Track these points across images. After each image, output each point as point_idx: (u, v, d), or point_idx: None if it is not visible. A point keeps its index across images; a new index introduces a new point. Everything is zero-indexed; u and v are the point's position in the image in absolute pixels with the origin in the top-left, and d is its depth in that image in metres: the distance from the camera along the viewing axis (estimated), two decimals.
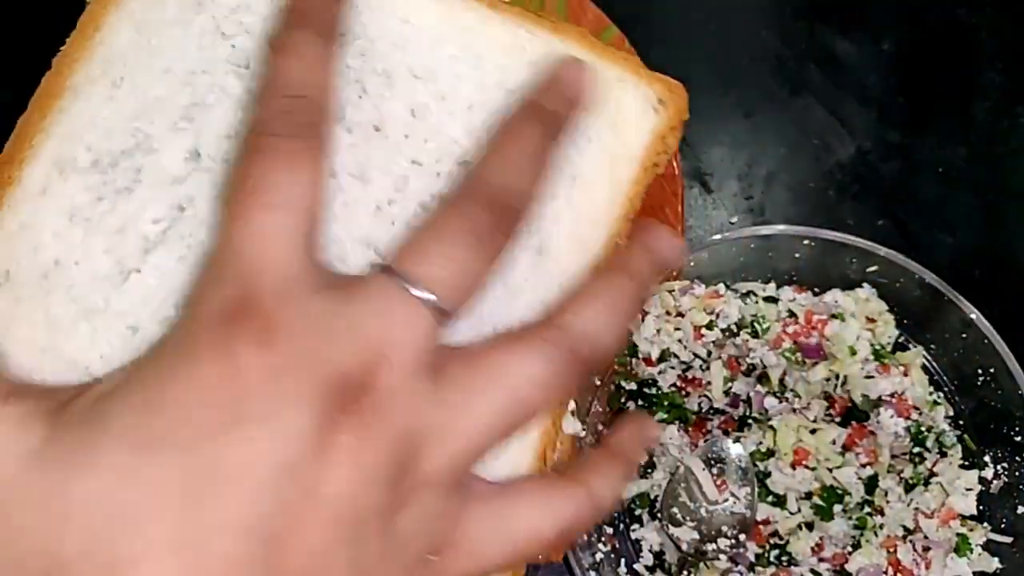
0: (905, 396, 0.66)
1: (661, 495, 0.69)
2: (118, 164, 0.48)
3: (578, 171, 0.49)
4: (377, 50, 0.49)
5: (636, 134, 0.50)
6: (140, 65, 0.49)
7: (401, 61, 0.49)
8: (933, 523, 0.67)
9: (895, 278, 0.69)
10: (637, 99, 0.51)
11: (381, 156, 0.48)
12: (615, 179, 0.50)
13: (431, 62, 0.50)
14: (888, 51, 0.84)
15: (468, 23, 0.50)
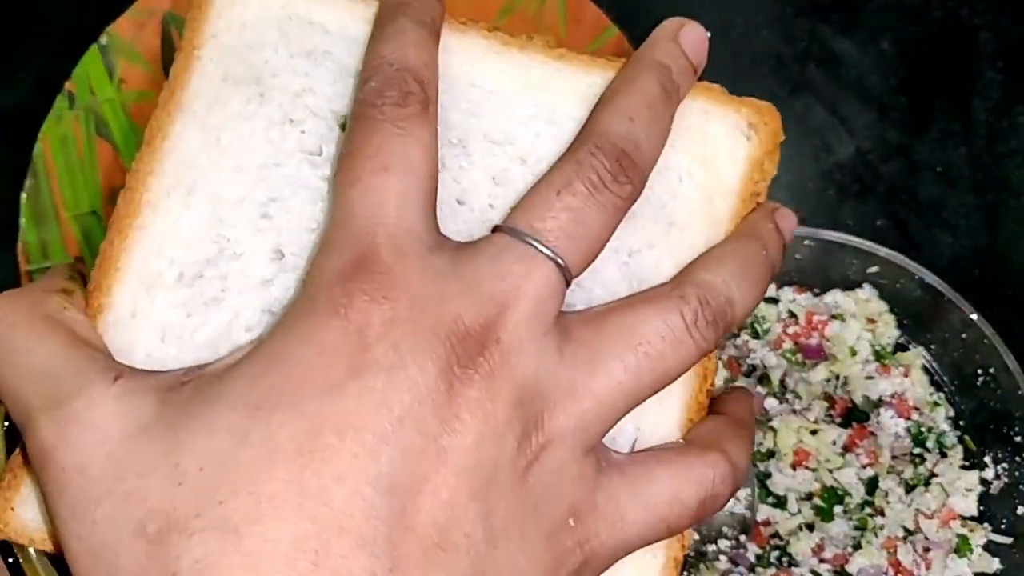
0: (905, 397, 0.66)
1: None
2: (203, 275, 0.46)
3: (673, 215, 0.47)
4: (449, 120, 0.47)
5: (730, 165, 0.48)
6: (212, 168, 0.47)
7: (475, 128, 0.47)
8: (933, 524, 0.67)
9: (895, 279, 0.68)
10: (726, 128, 0.48)
11: (467, 229, 0.45)
12: (714, 217, 0.47)
13: (506, 125, 0.47)
14: (888, 51, 0.84)
15: (537, 78, 0.48)
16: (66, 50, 0.81)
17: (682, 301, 0.40)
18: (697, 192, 0.47)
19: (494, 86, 0.48)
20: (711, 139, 0.48)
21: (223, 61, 0.48)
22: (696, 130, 0.48)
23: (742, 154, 0.48)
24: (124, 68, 0.77)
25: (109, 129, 0.76)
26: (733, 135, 0.48)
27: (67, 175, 0.74)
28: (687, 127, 0.48)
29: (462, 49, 0.48)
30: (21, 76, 0.83)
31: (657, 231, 0.47)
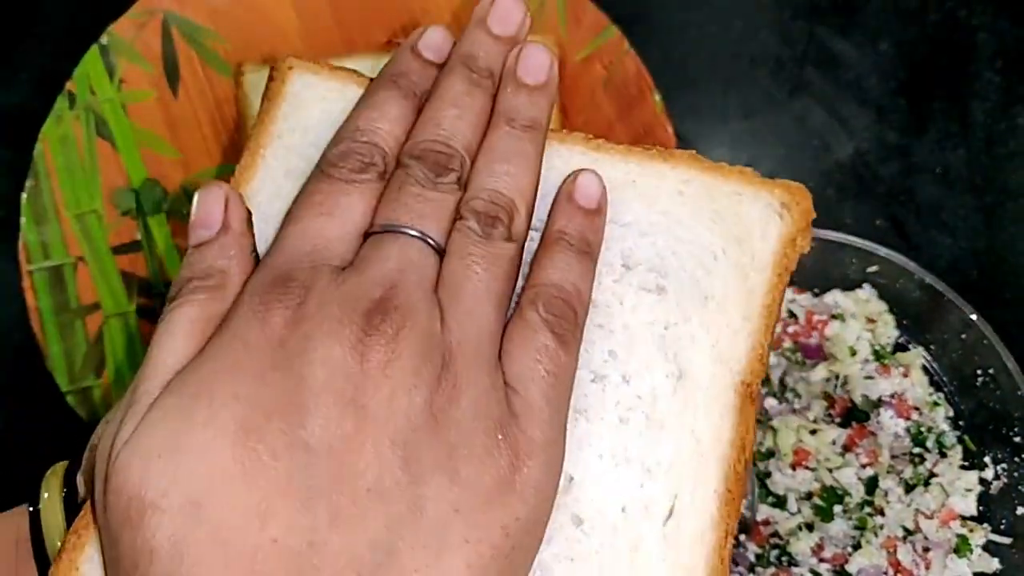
0: (905, 397, 0.66)
1: None
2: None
3: (708, 291, 0.49)
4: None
5: (763, 243, 0.50)
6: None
7: None
8: (933, 524, 0.67)
9: (895, 279, 0.69)
10: (758, 209, 0.50)
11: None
12: (749, 290, 0.49)
13: (545, 212, 0.49)
14: (887, 52, 0.84)
15: (576, 167, 0.50)
16: (66, 50, 0.81)
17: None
18: (732, 269, 0.49)
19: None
20: (744, 220, 0.50)
21: (286, 159, 0.52)
22: (729, 211, 0.50)
23: (775, 233, 0.50)
24: (125, 68, 0.77)
25: (109, 129, 0.76)
26: (766, 215, 0.50)
27: (67, 175, 0.74)
28: (720, 208, 0.50)
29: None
30: (21, 76, 0.83)
31: (692, 306, 0.49)
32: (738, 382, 0.48)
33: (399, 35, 0.80)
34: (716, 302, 0.49)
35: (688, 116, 0.82)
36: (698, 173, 0.51)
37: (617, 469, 0.47)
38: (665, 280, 0.49)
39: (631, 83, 0.76)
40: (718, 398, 0.48)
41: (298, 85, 0.54)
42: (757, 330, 0.49)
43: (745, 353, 0.49)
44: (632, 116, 0.75)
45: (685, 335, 0.48)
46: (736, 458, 0.48)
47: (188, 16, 0.78)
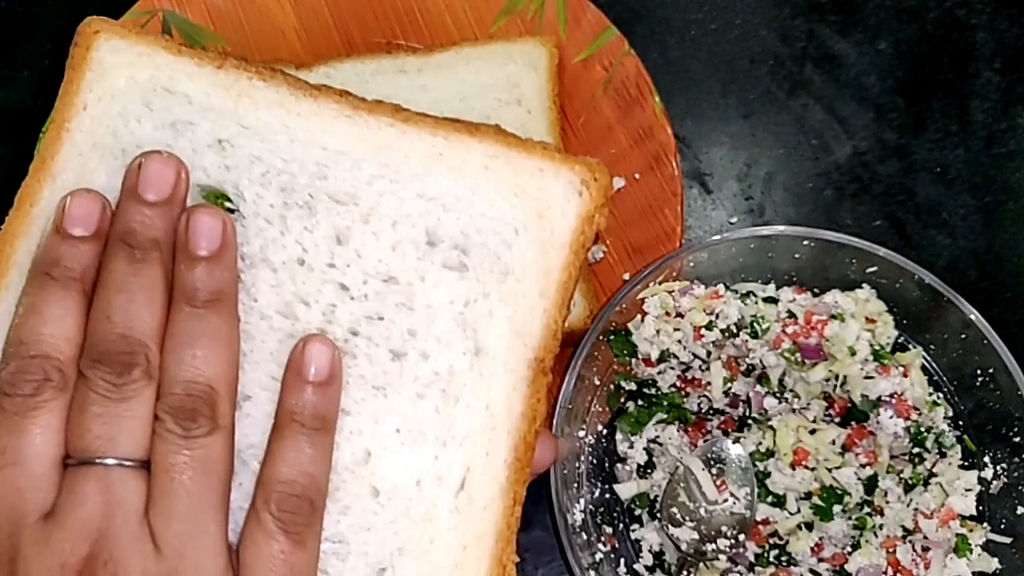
0: (904, 396, 0.66)
1: (661, 495, 0.69)
2: None
3: (508, 266, 0.50)
4: (298, 183, 0.51)
5: (563, 220, 0.51)
6: None
7: (322, 189, 0.51)
8: (932, 523, 0.67)
9: (894, 279, 0.69)
10: (560, 185, 0.51)
11: (308, 288, 0.50)
12: (547, 267, 0.50)
13: (351, 185, 0.51)
14: (886, 51, 0.84)
15: (384, 140, 0.51)
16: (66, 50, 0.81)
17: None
18: (532, 244, 0.51)
19: (343, 148, 0.51)
20: (545, 195, 0.51)
21: (92, 132, 0.52)
22: (531, 186, 0.51)
23: (574, 210, 0.51)
24: None
25: None
26: (566, 191, 0.51)
27: None
28: (523, 184, 0.51)
29: (313, 113, 0.51)
30: (21, 75, 0.83)
31: (492, 281, 0.50)
32: (532, 357, 0.50)
33: (398, 35, 0.80)
34: (515, 277, 0.50)
35: (688, 116, 0.82)
36: (504, 148, 0.51)
37: (413, 443, 0.48)
38: (467, 257, 0.50)
39: (631, 84, 0.76)
40: (512, 372, 0.49)
41: (104, 51, 0.52)
42: (553, 306, 0.50)
43: (540, 328, 0.50)
44: (632, 117, 0.75)
45: (484, 311, 0.50)
46: (527, 429, 0.50)
47: (188, 16, 0.78)
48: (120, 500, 0.41)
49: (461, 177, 0.51)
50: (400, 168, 0.51)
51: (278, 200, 0.50)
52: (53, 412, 0.42)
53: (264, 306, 0.49)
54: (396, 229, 0.50)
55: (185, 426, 0.42)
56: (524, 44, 0.77)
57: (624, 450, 0.71)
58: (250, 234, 0.50)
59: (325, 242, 0.50)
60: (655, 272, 0.69)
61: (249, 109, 0.51)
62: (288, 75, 0.52)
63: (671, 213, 0.74)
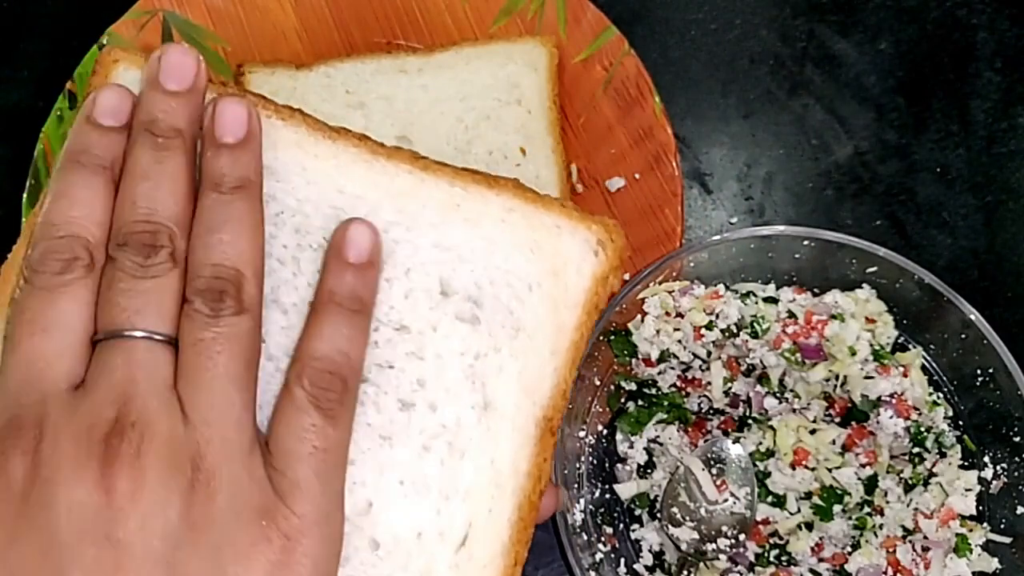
0: (904, 396, 0.66)
1: (661, 495, 0.69)
2: None
3: (520, 322, 0.50)
4: (312, 225, 0.50)
5: (578, 279, 0.50)
6: None
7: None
8: (932, 523, 0.67)
9: (894, 279, 0.69)
10: (577, 244, 0.51)
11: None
12: (559, 326, 0.50)
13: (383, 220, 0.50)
14: (887, 51, 0.84)
15: (402, 187, 0.50)
16: (66, 50, 0.81)
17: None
18: (545, 302, 0.50)
19: (359, 192, 0.51)
20: (561, 253, 0.51)
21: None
22: (548, 243, 0.51)
23: (589, 269, 0.51)
24: None
25: None
26: (583, 251, 0.51)
27: None
28: (539, 240, 0.51)
29: (331, 156, 0.51)
30: (22, 75, 0.83)
31: (504, 336, 0.50)
32: (540, 416, 0.49)
33: (398, 35, 0.80)
34: (527, 334, 0.50)
35: (688, 116, 0.82)
36: (521, 202, 0.51)
37: (416, 495, 0.48)
38: (480, 310, 0.50)
39: (631, 84, 0.76)
40: (520, 429, 0.48)
41: (122, 80, 0.52)
42: (563, 365, 0.50)
43: (550, 387, 0.49)
44: (632, 117, 0.75)
45: (494, 366, 0.49)
46: (532, 488, 0.49)
47: (188, 16, 0.78)
48: (148, 369, 0.41)
49: (477, 229, 0.50)
50: (416, 216, 0.50)
51: (292, 241, 0.50)
52: (83, 288, 0.43)
53: (272, 347, 0.48)
54: (410, 277, 0.50)
55: (213, 307, 0.42)
56: (524, 44, 0.77)
57: (624, 450, 0.71)
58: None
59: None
60: (655, 272, 0.69)
61: (267, 148, 0.50)
62: (308, 116, 0.52)
63: (671, 213, 0.74)
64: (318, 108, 0.75)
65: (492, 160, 0.75)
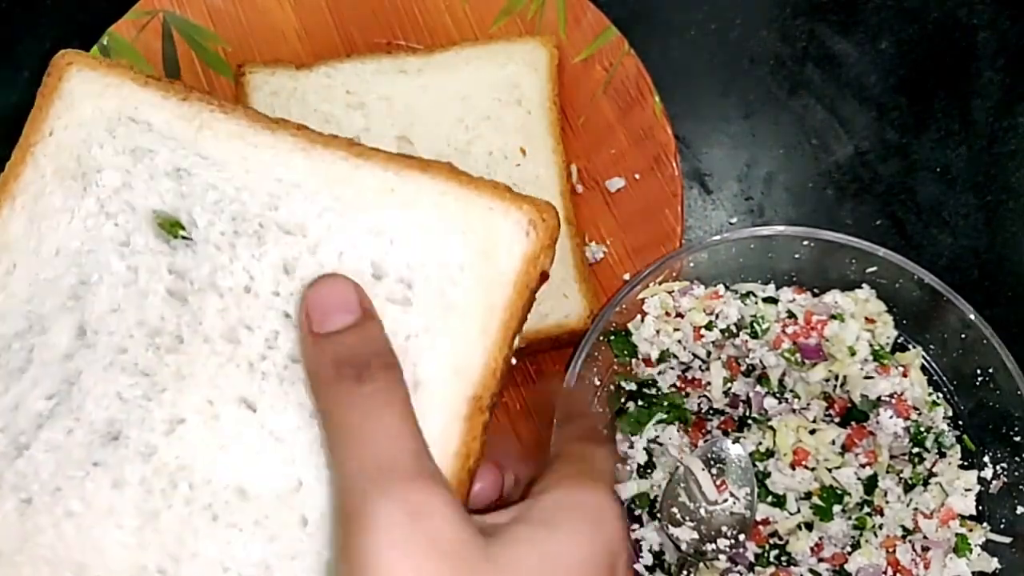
0: (904, 396, 0.66)
1: (661, 495, 0.69)
2: (11, 346, 0.51)
3: (451, 300, 0.51)
4: (249, 212, 0.52)
5: (509, 259, 0.51)
6: (31, 250, 0.53)
7: (272, 219, 0.52)
8: (932, 523, 0.67)
9: (894, 279, 0.69)
10: (508, 225, 0.52)
11: (252, 315, 0.51)
12: (490, 305, 0.51)
13: (302, 216, 0.52)
14: (887, 51, 0.84)
15: (337, 174, 0.52)
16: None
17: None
18: (476, 282, 0.51)
19: (296, 180, 0.53)
20: (494, 234, 0.52)
21: (56, 156, 0.54)
22: (479, 224, 0.52)
23: (520, 250, 0.52)
24: None
25: None
26: (514, 231, 0.52)
27: None
28: (471, 221, 0.52)
29: (269, 146, 0.53)
30: (22, 75, 0.83)
31: (434, 316, 0.51)
32: (470, 395, 0.50)
33: (398, 35, 0.80)
34: (458, 314, 0.51)
35: (688, 116, 0.82)
36: (455, 185, 0.52)
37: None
38: (411, 291, 0.51)
39: (631, 84, 0.76)
40: (448, 408, 0.49)
41: (75, 81, 0.54)
42: (493, 344, 0.51)
43: (479, 366, 0.50)
44: (632, 117, 0.76)
45: (425, 345, 0.50)
46: (460, 466, 0.50)
47: (188, 16, 0.78)
48: None
49: (410, 212, 0.51)
50: (351, 202, 0.52)
51: (229, 228, 0.52)
52: None
53: (208, 329, 0.50)
54: (342, 261, 0.51)
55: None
56: (524, 44, 0.77)
57: (624, 450, 0.71)
58: (200, 259, 0.52)
59: (272, 271, 0.51)
60: (655, 272, 0.69)
61: (209, 140, 0.53)
62: (249, 109, 0.54)
63: (671, 213, 0.74)
64: (318, 108, 0.75)
65: (492, 160, 0.75)
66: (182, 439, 0.50)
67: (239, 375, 0.50)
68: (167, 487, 0.49)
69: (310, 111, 0.75)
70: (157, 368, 0.51)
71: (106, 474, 0.50)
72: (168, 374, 0.51)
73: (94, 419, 0.50)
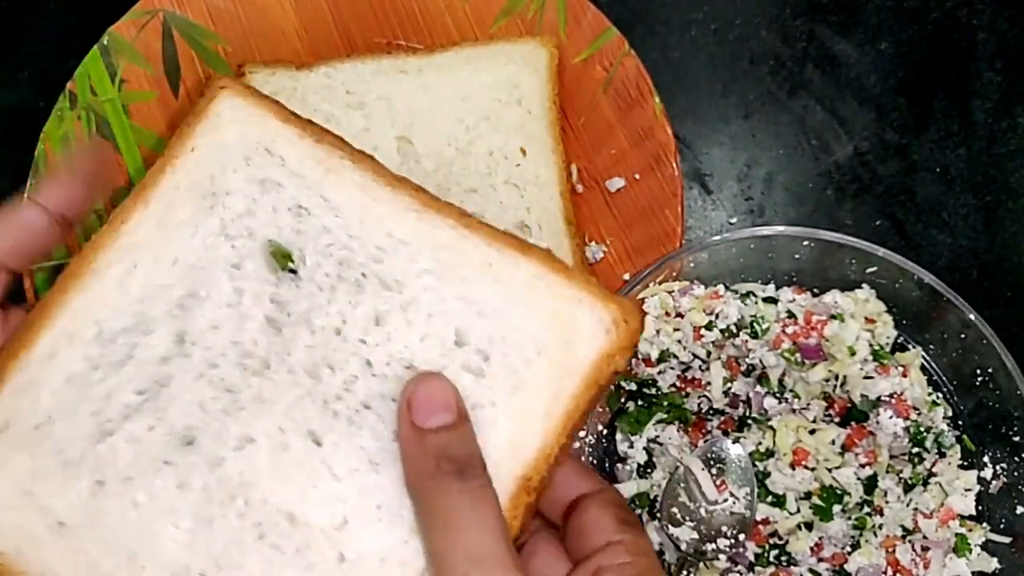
0: (904, 396, 0.66)
1: (661, 495, 0.69)
2: (116, 340, 0.54)
3: (523, 380, 0.52)
4: (355, 260, 0.54)
5: (586, 352, 0.52)
6: (153, 256, 0.55)
7: (375, 271, 0.54)
8: (932, 523, 0.67)
9: (894, 279, 0.69)
10: (592, 319, 0.53)
11: (336, 356, 0.53)
12: (558, 392, 0.52)
13: (402, 274, 0.54)
14: (887, 51, 0.84)
15: (444, 240, 0.54)
16: (66, 50, 0.81)
17: None
18: (550, 367, 0.52)
19: (404, 238, 0.55)
20: (577, 326, 0.53)
21: (192, 172, 0.56)
22: (566, 314, 0.53)
23: (599, 345, 0.53)
24: (125, 68, 0.77)
25: (110, 129, 0.76)
26: (596, 327, 0.53)
27: None
28: (559, 309, 0.53)
29: (387, 201, 0.55)
30: (22, 75, 0.83)
31: (504, 392, 0.52)
32: (520, 474, 0.51)
33: (399, 35, 0.80)
34: (526, 394, 0.52)
35: (688, 116, 0.82)
36: (549, 271, 0.53)
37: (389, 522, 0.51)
38: (487, 364, 0.52)
39: (631, 85, 0.76)
40: (498, 482, 0.50)
41: (224, 106, 0.57)
42: (553, 429, 0.52)
43: (536, 448, 0.51)
44: (632, 118, 0.76)
45: (489, 418, 0.52)
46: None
47: (188, 16, 0.78)
48: None
49: (503, 289, 0.53)
50: (450, 268, 0.53)
51: (334, 271, 0.54)
52: None
53: (294, 361, 0.53)
54: (429, 323, 0.53)
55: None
56: (524, 44, 0.77)
57: (624, 450, 0.71)
58: (301, 295, 0.54)
59: (364, 319, 0.53)
60: (655, 272, 0.69)
61: (333, 185, 0.55)
62: (377, 162, 0.56)
63: (671, 213, 0.74)
64: (318, 108, 0.75)
65: (492, 160, 0.75)
66: (249, 457, 0.52)
67: (313, 410, 0.52)
68: (225, 498, 0.51)
69: (310, 111, 0.75)
70: (241, 387, 0.53)
71: (175, 474, 0.52)
72: (249, 395, 0.53)
73: (175, 422, 0.52)
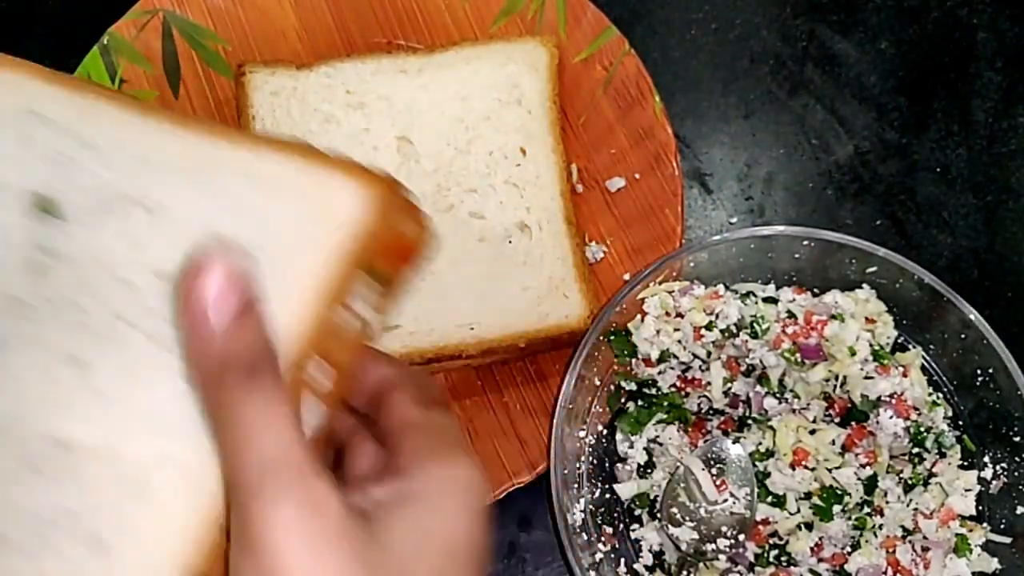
0: (904, 396, 0.66)
1: (661, 495, 0.69)
2: None
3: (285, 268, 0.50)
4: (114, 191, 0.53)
5: (343, 226, 0.51)
6: None
7: (133, 198, 0.52)
8: (932, 523, 0.67)
9: (894, 279, 0.69)
10: (346, 195, 0.51)
11: (99, 283, 0.51)
12: (319, 272, 0.50)
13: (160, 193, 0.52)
14: (887, 51, 0.84)
15: (201, 154, 0.53)
16: (66, 50, 0.81)
17: None
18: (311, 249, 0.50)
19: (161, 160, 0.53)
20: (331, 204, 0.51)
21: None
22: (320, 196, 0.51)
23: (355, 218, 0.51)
24: (125, 68, 0.77)
25: None
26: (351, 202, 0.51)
27: None
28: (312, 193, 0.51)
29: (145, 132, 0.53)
30: None
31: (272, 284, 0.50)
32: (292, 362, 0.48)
33: (399, 35, 0.80)
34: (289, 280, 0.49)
35: (688, 116, 0.82)
36: (303, 159, 0.52)
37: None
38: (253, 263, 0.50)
39: (631, 84, 0.76)
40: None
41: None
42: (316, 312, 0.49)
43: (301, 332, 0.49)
44: (632, 117, 0.76)
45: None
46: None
47: (188, 16, 0.78)
48: None
49: (258, 185, 0.52)
50: (206, 178, 0.53)
51: (97, 207, 0.53)
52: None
53: (58, 298, 0.51)
54: (190, 232, 0.51)
55: None
56: (524, 44, 0.77)
57: (624, 450, 0.71)
58: (70, 238, 0.53)
59: (124, 243, 0.52)
60: (655, 272, 0.69)
61: (90, 127, 0.54)
62: (133, 99, 0.55)
63: (671, 213, 0.74)
64: (318, 108, 0.75)
65: (492, 160, 0.75)
66: (17, 395, 0.50)
67: (79, 337, 0.51)
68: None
69: (310, 111, 0.75)
70: (7, 331, 0.52)
71: None
72: (15, 336, 0.52)
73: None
